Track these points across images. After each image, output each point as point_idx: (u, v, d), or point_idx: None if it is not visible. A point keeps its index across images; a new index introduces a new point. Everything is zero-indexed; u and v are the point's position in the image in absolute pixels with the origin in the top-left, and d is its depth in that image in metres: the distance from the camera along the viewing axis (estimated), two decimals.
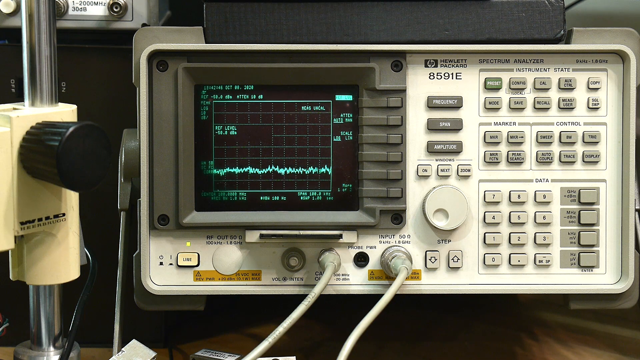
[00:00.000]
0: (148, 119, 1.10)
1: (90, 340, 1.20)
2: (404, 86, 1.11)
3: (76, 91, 1.21)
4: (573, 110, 1.12)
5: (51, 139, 0.91)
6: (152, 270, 1.12)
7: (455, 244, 1.12)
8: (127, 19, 1.20)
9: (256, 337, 1.30)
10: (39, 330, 1.03)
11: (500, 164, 1.12)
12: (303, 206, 1.12)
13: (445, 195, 1.11)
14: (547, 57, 1.12)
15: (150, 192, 1.11)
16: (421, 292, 1.12)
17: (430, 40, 1.11)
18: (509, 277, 1.13)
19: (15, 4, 1.17)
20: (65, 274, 1.00)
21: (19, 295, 1.11)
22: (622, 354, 1.26)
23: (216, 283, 1.13)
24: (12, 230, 0.95)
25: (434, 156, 1.12)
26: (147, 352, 1.07)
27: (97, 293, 1.12)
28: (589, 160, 1.12)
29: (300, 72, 1.10)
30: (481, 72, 1.12)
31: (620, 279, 1.13)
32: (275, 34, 1.11)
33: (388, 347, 1.27)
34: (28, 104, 0.99)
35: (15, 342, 1.06)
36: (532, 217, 1.12)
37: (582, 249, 1.12)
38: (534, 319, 1.38)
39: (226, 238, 1.12)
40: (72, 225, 1.00)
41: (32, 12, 0.97)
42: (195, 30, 1.11)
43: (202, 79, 1.11)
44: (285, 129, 1.12)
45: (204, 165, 1.12)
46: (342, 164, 1.12)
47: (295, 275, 1.13)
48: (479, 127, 1.12)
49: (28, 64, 0.98)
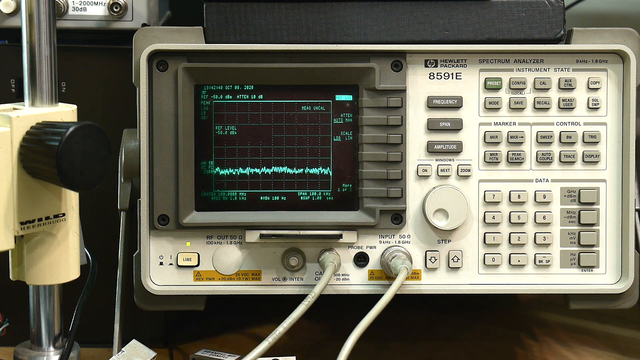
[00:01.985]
0: (148, 119, 1.10)
1: (90, 340, 1.20)
2: (404, 86, 1.11)
3: (76, 91, 1.21)
4: (573, 110, 1.12)
5: (51, 139, 0.91)
6: (152, 270, 1.12)
7: (455, 244, 1.12)
8: (127, 19, 1.20)
9: (256, 337, 1.30)
10: (39, 330, 1.03)
11: (500, 164, 1.12)
12: (303, 206, 1.12)
13: (445, 195, 1.11)
14: (547, 57, 1.12)
15: (150, 192, 1.10)
16: (421, 292, 1.12)
17: (430, 40, 1.11)
18: (509, 277, 1.13)
19: (15, 4, 1.17)
20: (65, 274, 1.00)
21: (19, 295, 1.11)
22: (622, 354, 1.26)
23: (216, 283, 1.13)
24: (12, 230, 0.95)
25: (434, 156, 1.12)
26: (147, 352, 1.07)
27: (97, 293, 1.12)
28: (589, 160, 1.12)
29: (300, 72, 1.10)
30: (481, 72, 1.12)
31: (620, 279, 1.13)
32: (275, 34, 1.11)
33: (388, 347, 1.27)
34: (28, 104, 0.99)
35: (15, 342, 1.06)
36: (532, 217, 1.12)
37: (582, 249, 1.12)
38: (534, 319, 1.38)
39: (226, 238, 1.12)
40: (72, 225, 1.00)
41: (32, 12, 0.97)
42: (195, 30, 1.11)
43: (202, 79, 1.11)
44: (285, 129, 1.12)
45: (204, 165, 1.12)
46: (342, 164, 1.12)
47: (295, 275, 1.13)
48: (479, 127, 1.12)
49: (28, 64, 0.98)
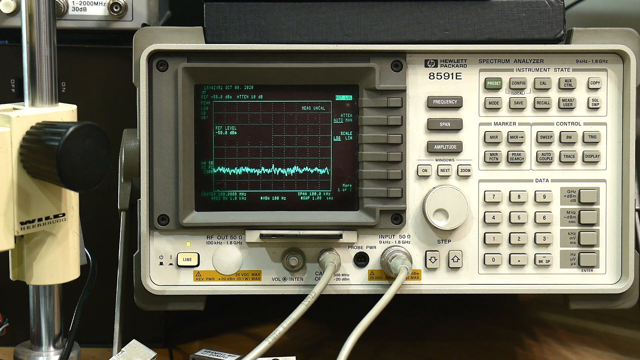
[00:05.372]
0: (148, 119, 1.10)
1: (90, 340, 1.20)
2: (404, 86, 1.10)
3: (76, 91, 1.21)
4: (573, 110, 1.12)
5: (51, 139, 0.91)
6: (152, 270, 1.12)
7: (455, 244, 1.12)
8: (127, 19, 1.20)
9: (256, 337, 1.30)
10: (39, 330, 1.03)
11: (500, 164, 1.12)
12: (303, 206, 1.12)
13: (445, 195, 1.10)
14: (547, 57, 1.12)
15: (150, 192, 1.10)
16: (421, 292, 1.12)
17: (430, 40, 1.11)
18: (509, 277, 1.13)
19: (15, 4, 1.17)
20: (65, 274, 1.00)
21: (19, 295, 1.11)
22: (622, 354, 1.26)
23: (216, 283, 1.13)
24: (12, 230, 0.95)
25: (434, 156, 1.12)
26: (147, 352, 1.07)
27: (97, 293, 1.12)
28: (589, 160, 1.12)
29: (300, 72, 1.10)
30: (481, 72, 1.12)
31: (620, 279, 1.13)
32: (275, 34, 1.11)
33: (388, 347, 1.27)
34: (28, 104, 0.99)
35: (15, 342, 1.07)
36: (532, 217, 1.12)
37: (582, 249, 1.12)
38: (534, 319, 1.38)
39: (226, 238, 1.12)
40: (72, 225, 1.00)
41: (32, 12, 0.97)
42: (195, 30, 1.11)
43: (202, 79, 1.11)
44: (285, 129, 1.12)
45: (204, 165, 1.12)
46: (342, 164, 1.12)
47: (295, 275, 1.13)
48: (479, 127, 1.12)
49: (28, 64, 0.98)
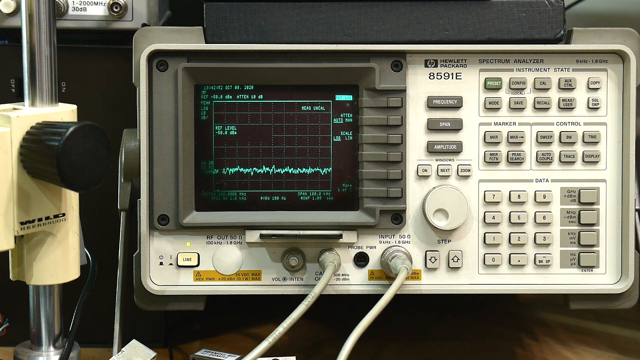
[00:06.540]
0: (148, 119, 1.10)
1: (90, 340, 1.20)
2: (404, 86, 1.10)
3: (76, 91, 1.21)
4: (573, 110, 1.12)
5: (51, 139, 0.91)
6: (152, 270, 1.12)
7: (455, 244, 1.12)
8: (127, 19, 1.20)
9: (256, 337, 1.30)
10: (39, 330, 1.03)
11: (500, 164, 1.12)
12: (303, 206, 1.12)
13: (445, 195, 1.10)
14: (547, 57, 1.12)
15: (150, 192, 1.10)
16: (421, 292, 1.12)
17: (430, 40, 1.11)
18: (509, 277, 1.13)
19: (15, 4, 1.17)
20: (65, 274, 1.00)
21: (19, 295, 1.11)
22: (622, 354, 1.26)
23: (216, 283, 1.13)
24: (12, 230, 0.95)
25: (434, 156, 1.12)
26: (147, 352, 1.07)
27: (97, 293, 1.12)
28: (589, 160, 1.12)
29: (300, 72, 1.10)
30: (481, 72, 1.12)
31: (620, 279, 1.13)
32: (275, 34, 1.11)
33: (388, 347, 1.27)
34: (28, 104, 0.99)
35: (15, 342, 1.06)
36: (532, 217, 1.12)
37: (582, 249, 1.12)
38: (534, 319, 1.38)
39: (226, 238, 1.12)
40: (72, 225, 1.00)
41: (32, 12, 0.97)
42: (195, 30, 1.11)
43: (202, 79, 1.11)
44: (285, 129, 1.12)
45: (204, 165, 1.12)
46: (342, 164, 1.12)
47: (295, 275, 1.13)
48: (479, 127, 1.12)
49: (28, 64, 0.98)
